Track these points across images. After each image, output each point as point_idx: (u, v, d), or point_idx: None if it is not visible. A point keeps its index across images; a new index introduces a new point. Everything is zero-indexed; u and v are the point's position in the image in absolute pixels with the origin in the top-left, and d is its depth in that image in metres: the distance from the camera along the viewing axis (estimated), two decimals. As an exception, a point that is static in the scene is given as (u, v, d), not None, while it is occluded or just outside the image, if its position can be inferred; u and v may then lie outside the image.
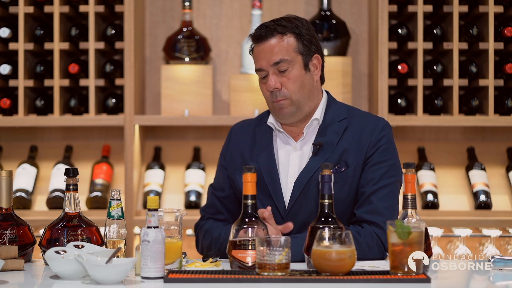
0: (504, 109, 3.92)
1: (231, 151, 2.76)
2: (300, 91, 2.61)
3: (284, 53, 2.59)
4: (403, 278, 2.07)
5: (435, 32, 3.95)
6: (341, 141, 2.62)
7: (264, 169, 2.64)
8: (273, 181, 2.63)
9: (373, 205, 2.55)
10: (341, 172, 2.58)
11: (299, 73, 2.61)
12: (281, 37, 2.60)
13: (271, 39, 2.59)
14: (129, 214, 3.85)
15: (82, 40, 3.98)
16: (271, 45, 2.59)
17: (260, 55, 2.61)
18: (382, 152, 2.61)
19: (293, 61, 2.60)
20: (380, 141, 2.62)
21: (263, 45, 2.61)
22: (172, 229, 2.28)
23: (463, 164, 4.10)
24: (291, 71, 2.60)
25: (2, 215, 2.47)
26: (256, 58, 2.64)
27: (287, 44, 2.60)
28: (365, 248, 2.48)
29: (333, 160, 2.60)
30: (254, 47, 2.65)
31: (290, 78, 2.60)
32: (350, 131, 2.63)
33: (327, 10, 4.04)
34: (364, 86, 4.21)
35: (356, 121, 2.66)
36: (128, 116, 3.91)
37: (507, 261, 2.26)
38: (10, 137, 4.19)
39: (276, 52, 2.58)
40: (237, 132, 2.80)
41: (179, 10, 4.18)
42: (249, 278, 2.08)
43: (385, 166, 2.59)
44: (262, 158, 2.66)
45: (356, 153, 2.61)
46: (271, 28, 2.60)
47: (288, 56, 2.59)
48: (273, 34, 2.59)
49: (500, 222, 3.87)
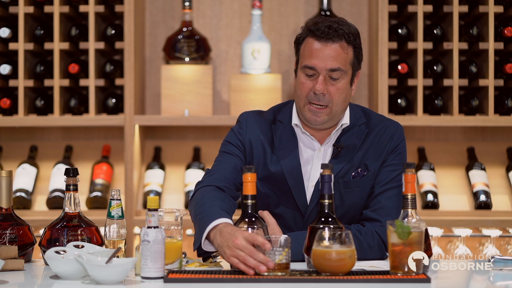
0: (504, 109, 3.92)
1: (249, 139, 2.64)
2: (341, 103, 2.56)
3: (343, 63, 2.52)
4: (403, 278, 2.07)
5: (435, 32, 3.95)
6: (362, 145, 2.62)
7: (288, 172, 2.59)
8: (298, 184, 2.59)
9: (380, 203, 2.56)
10: (363, 176, 2.59)
11: (346, 86, 2.55)
12: (345, 46, 2.52)
13: (336, 43, 2.51)
14: (129, 214, 3.85)
15: (82, 40, 3.98)
16: (334, 49, 2.51)
17: (318, 54, 2.51)
18: (398, 155, 2.63)
19: (346, 73, 2.54)
20: (398, 146, 2.63)
21: (325, 46, 2.51)
22: (172, 229, 2.28)
23: (463, 164, 4.10)
24: (341, 82, 2.53)
25: (2, 215, 2.47)
26: (310, 54, 2.53)
27: (347, 55, 2.53)
28: (366, 248, 2.48)
29: (354, 164, 2.59)
30: (310, 41, 2.53)
31: (339, 89, 2.53)
32: (371, 136, 2.63)
33: (327, 10, 4.04)
34: (364, 86, 4.21)
35: (375, 126, 2.65)
36: (128, 116, 3.91)
37: (507, 261, 2.26)
38: (10, 137, 4.19)
39: (337, 58, 2.51)
40: (253, 122, 2.68)
41: (179, 10, 4.18)
42: (249, 278, 2.08)
43: (398, 169, 2.60)
44: (286, 161, 2.60)
45: (375, 157, 2.61)
46: (339, 33, 2.50)
47: (344, 67, 2.53)
48: (341, 39, 2.51)
49: (500, 222, 3.87)
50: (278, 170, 2.60)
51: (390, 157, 2.62)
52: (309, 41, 2.54)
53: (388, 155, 2.62)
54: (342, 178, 2.57)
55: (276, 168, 2.60)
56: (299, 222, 2.61)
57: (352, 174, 2.58)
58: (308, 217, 2.59)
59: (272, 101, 3.86)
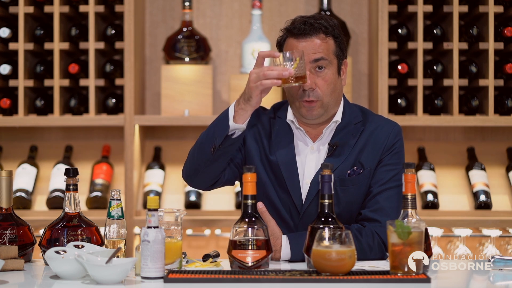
0: (504, 109, 3.92)
1: (248, 129, 2.66)
2: (331, 94, 2.59)
3: (326, 52, 2.57)
4: (403, 278, 2.07)
5: (435, 32, 3.95)
6: (357, 143, 2.63)
7: (283, 166, 2.63)
8: (292, 178, 2.62)
9: (379, 204, 2.57)
10: (359, 174, 2.59)
11: (334, 76, 2.59)
12: (324, 38, 2.57)
13: (315, 37, 2.56)
14: (129, 214, 3.85)
15: (82, 40, 3.98)
16: (314, 42, 2.56)
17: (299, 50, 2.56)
18: (394, 155, 2.63)
19: (331, 63, 2.58)
20: (394, 145, 2.64)
21: (306, 42, 2.56)
22: (172, 229, 2.28)
23: (463, 164, 4.10)
24: (327, 73, 2.57)
25: (2, 215, 2.47)
26: None
27: (328, 45, 2.58)
28: (366, 248, 2.49)
29: (349, 162, 2.61)
30: (290, 41, 2.59)
31: (326, 80, 2.57)
32: (366, 134, 2.64)
33: (327, 10, 4.04)
34: (364, 86, 4.21)
35: (371, 124, 2.67)
36: (128, 116, 3.91)
37: (507, 261, 2.26)
38: (10, 137, 4.19)
39: (318, 50, 2.56)
40: (254, 113, 2.67)
41: (179, 10, 4.18)
42: (249, 278, 2.08)
43: (395, 169, 2.61)
44: (282, 154, 2.64)
45: (371, 155, 2.62)
46: (315, 27, 2.56)
47: (328, 57, 2.57)
48: (318, 32, 2.57)
49: (500, 222, 3.87)
50: (275, 160, 2.63)
51: (387, 157, 2.62)
52: (289, 42, 2.60)
53: (384, 154, 2.62)
54: (337, 176, 2.57)
55: (273, 158, 2.64)
56: (296, 218, 2.62)
57: (347, 172, 2.59)
58: (303, 214, 2.60)
59: (272, 100, 3.85)
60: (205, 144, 2.56)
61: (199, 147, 2.59)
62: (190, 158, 2.66)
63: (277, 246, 2.48)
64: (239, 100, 2.49)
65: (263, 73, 2.41)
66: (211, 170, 2.61)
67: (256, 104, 2.47)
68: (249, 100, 2.46)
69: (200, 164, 2.60)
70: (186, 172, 2.70)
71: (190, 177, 2.69)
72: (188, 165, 2.67)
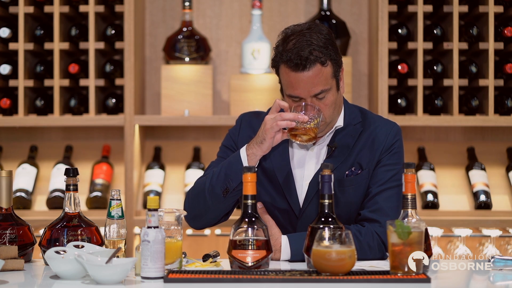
0: (504, 109, 3.92)
1: (241, 138, 2.69)
2: (333, 112, 2.57)
3: (324, 83, 2.50)
4: (403, 278, 2.07)
5: (435, 32, 3.95)
6: (356, 144, 2.62)
7: (277, 168, 2.62)
8: (287, 180, 2.61)
9: (378, 204, 2.57)
10: (357, 174, 2.59)
11: (334, 97, 2.55)
12: (320, 68, 2.49)
13: (311, 70, 2.48)
14: (129, 214, 3.85)
15: (82, 40, 3.98)
16: (311, 76, 2.49)
17: (299, 84, 2.50)
18: (393, 155, 2.63)
19: (330, 87, 2.53)
20: (393, 145, 2.63)
21: (302, 75, 2.49)
22: (172, 229, 2.28)
23: (463, 164, 4.10)
24: (328, 97, 2.53)
25: (2, 215, 2.47)
26: (290, 84, 2.52)
27: (326, 73, 2.51)
28: (366, 248, 2.49)
29: (348, 163, 2.60)
30: (286, 71, 2.52)
31: (327, 104, 2.53)
32: (365, 135, 2.64)
33: (327, 10, 4.04)
34: (364, 86, 4.21)
35: (370, 125, 2.66)
36: (128, 116, 3.91)
37: (507, 261, 2.26)
38: (10, 137, 4.19)
39: (316, 83, 2.49)
40: (247, 121, 2.73)
41: (179, 10, 4.18)
42: (249, 278, 2.08)
43: (394, 169, 2.60)
44: (275, 157, 2.63)
45: (369, 156, 2.61)
46: (311, 59, 2.47)
47: (328, 86, 2.51)
48: (314, 64, 2.48)
49: (500, 222, 3.87)
50: (270, 167, 2.62)
51: (386, 157, 2.62)
52: (285, 71, 2.53)
53: (383, 154, 2.62)
54: (335, 177, 2.57)
55: (267, 164, 2.63)
56: (294, 222, 2.62)
57: (346, 172, 2.59)
58: (302, 218, 2.60)
59: (272, 101, 3.84)
60: (215, 187, 2.54)
61: (209, 190, 2.56)
62: (194, 200, 2.63)
63: (277, 246, 2.48)
64: (250, 144, 2.52)
65: (279, 115, 2.47)
66: (221, 209, 2.60)
67: (267, 148, 2.50)
68: (261, 143, 2.49)
69: (209, 206, 2.58)
70: (190, 215, 2.65)
71: (196, 218, 2.66)
72: (191, 207, 2.64)
